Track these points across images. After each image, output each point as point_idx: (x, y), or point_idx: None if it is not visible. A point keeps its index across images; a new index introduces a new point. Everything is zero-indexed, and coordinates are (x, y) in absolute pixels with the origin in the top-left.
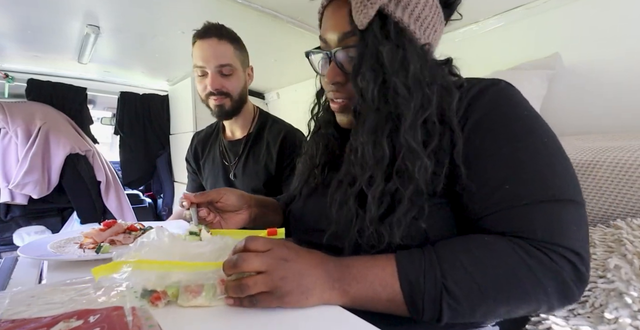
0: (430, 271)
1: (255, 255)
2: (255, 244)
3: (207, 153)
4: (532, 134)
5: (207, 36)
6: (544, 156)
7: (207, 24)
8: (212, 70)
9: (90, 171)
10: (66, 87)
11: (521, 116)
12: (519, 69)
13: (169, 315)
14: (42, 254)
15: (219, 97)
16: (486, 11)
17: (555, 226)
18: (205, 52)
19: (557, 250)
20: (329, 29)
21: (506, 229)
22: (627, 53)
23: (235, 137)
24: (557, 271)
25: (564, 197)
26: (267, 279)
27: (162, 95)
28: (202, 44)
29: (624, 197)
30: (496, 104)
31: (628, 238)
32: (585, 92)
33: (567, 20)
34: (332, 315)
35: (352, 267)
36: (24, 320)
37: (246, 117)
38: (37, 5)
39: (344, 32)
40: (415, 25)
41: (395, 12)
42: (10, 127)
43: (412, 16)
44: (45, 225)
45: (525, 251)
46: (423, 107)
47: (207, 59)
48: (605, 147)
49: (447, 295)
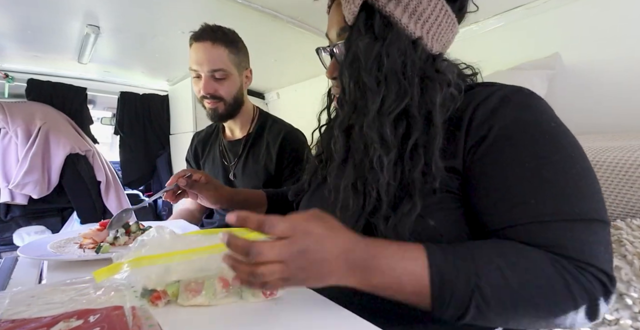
0: (464, 268)
1: (271, 248)
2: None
3: (207, 153)
4: (558, 149)
5: (201, 39)
6: (571, 174)
7: (203, 26)
8: (205, 74)
9: (90, 171)
10: (66, 87)
11: (547, 129)
12: (519, 69)
13: (169, 315)
14: (42, 254)
15: (212, 101)
16: (486, 11)
17: (585, 246)
18: (199, 55)
19: (589, 270)
20: (330, 25)
21: (533, 242)
22: (627, 53)
23: (235, 137)
24: (590, 290)
25: (589, 216)
26: (284, 268)
27: (162, 95)
28: (196, 46)
29: (624, 197)
30: (521, 113)
31: (628, 238)
32: (585, 92)
33: (567, 20)
34: (332, 315)
35: (381, 258)
36: (24, 320)
37: (245, 118)
38: (37, 5)
39: (341, 27)
40: (410, 19)
41: (386, 6)
42: (10, 127)
43: (407, 10)
44: (45, 225)
45: (562, 265)
46: (397, 99)
47: (201, 63)
48: (605, 147)
49: (479, 295)
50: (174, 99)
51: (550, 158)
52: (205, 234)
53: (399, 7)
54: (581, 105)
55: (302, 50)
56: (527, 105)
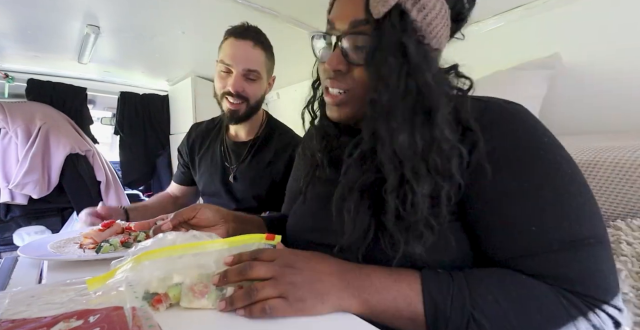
0: (459, 297)
1: (261, 263)
2: (263, 254)
3: (206, 150)
4: (555, 167)
5: (243, 37)
6: (571, 194)
7: (245, 24)
8: (238, 71)
9: (90, 171)
10: (66, 87)
11: (542, 145)
12: (519, 69)
13: (169, 315)
14: (42, 254)
15: (237, 100)
16: (486, 11)
17: (593, 278)
18: (238, 52)
19: (599, 305)
20: (340, 13)
21: (538, 274)
22: (627, 53)
23: (239, 139)
24: (600, 326)
25: (592, 238)
26: (275, 283)
27: (162, 95)
28: (235, 43)
29: (624, 197)
30: (515, 131)
31: (627, 240)
32: (585, 92)
33: (567, 20)
34: (332, 315)
35: (374, 278)
36: (24, 320)
37: (254, 121)
38: (37, 5)
39: (357, 19)
40: (427, 29)
41: (412, 11)
42: (10, 127)
43: (425, 20)
44: (45, 225)
45: (568, 300)
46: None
47: (237, 60)
48: (605, 147)
49: (475, 326)
50: (174, 99)
51: (547, 177)
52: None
53: (420, 15)
54: (581, 105)
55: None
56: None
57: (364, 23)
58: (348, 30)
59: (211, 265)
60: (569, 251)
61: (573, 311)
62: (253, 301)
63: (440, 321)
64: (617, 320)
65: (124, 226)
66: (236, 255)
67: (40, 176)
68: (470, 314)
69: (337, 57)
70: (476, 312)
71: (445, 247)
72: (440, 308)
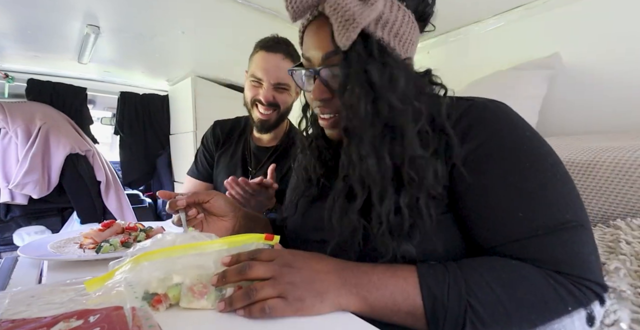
0: (455, 286)
1: (260, 263)
2: (261, 254)
3: (227, 148)
4: (537, 158)
5: (274, 50)
6: (553, 182)
7: (276, 37)
8: (269, 84)
9: (90, 171)
10: (66, 87)
11: (524, 140)
12: (519, 69)
13: (169, 316)
14: (42, 254)
15: (268, 109)
16: (486, 11)
17: (577, 258)
18: (268, 66)
19: (584, 283)
20: (312, 48)
21: (526, 257)
22: (627, 53)
23: (262, 144)
24: (586, 303)
25: (575, 223)
26: (274, 283)
27: (162, 95)
28: (266, 56)
29: (624, 197)
30: (498, 127)
31: (626, 239)
32: (585, 92)
33: (567, 20)
34: (332, 316)
35: (372, 274)
36: (24, 320)
37: (279, 128)
38: (37, 5)
39: (328, 51)
40: (394, 41)
41: (376, 31)
42: (10, 127)
43: (391, 33)
44: (45, 225)
45: (555, 280)
46: (415, 119)
47: (268, 74)
48: (605, 147)
49: (472, 313)
50: (174, 99)
51: (531, 168)
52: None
53: (385, 31)
54: (581, 105)
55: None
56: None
57: (335, 54)
58: (322, 63)
59: (210, 266)
60: (553, 234)
61: (561, 290)
62: (252, 301)
63: (439, 312)
64: (602, 296)
65: (124, 226)
66: (234, 255)
67: (40, 176)
68: (466, 301)
69: (319, 88)
70: (472, 299)
71: (437, 240)
72: (438, 299)
